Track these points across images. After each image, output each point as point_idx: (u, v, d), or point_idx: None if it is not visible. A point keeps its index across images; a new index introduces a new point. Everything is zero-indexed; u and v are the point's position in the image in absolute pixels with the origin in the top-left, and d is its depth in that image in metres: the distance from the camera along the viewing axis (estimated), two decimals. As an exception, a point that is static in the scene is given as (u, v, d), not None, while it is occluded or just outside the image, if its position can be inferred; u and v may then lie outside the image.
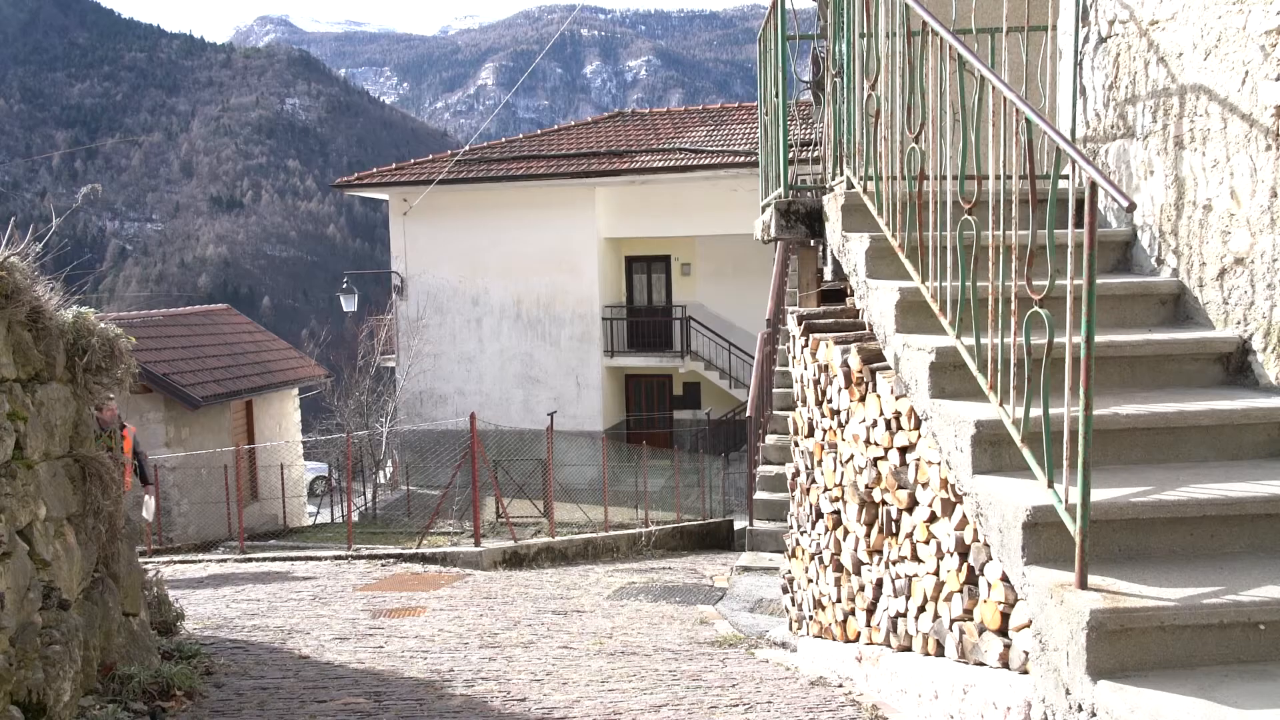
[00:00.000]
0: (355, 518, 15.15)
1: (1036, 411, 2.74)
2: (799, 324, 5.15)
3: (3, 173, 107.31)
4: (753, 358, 14.44)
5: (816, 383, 4.88)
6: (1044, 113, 4.16)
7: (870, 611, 4.24)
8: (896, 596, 3.88)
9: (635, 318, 23.73)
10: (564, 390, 22.48)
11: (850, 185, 4.42)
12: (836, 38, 4.60)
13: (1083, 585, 2.54)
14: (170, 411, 17.49)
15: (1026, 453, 2.82)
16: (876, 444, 3.99)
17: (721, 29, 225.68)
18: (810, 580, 5.23)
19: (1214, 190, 3.49)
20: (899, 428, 3.75)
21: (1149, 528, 2.80)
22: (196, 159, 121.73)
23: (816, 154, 5.59)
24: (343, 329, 27.35)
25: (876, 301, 3.88)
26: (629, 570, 9.95)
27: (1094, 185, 2.54)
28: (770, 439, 9.55)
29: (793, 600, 5.75)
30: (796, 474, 5.45)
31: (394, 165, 24.25)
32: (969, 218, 3.13)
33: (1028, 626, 2.80)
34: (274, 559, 10.30)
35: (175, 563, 10.05)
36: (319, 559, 9.85)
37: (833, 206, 4.56)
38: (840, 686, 4.31)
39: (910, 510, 3.71)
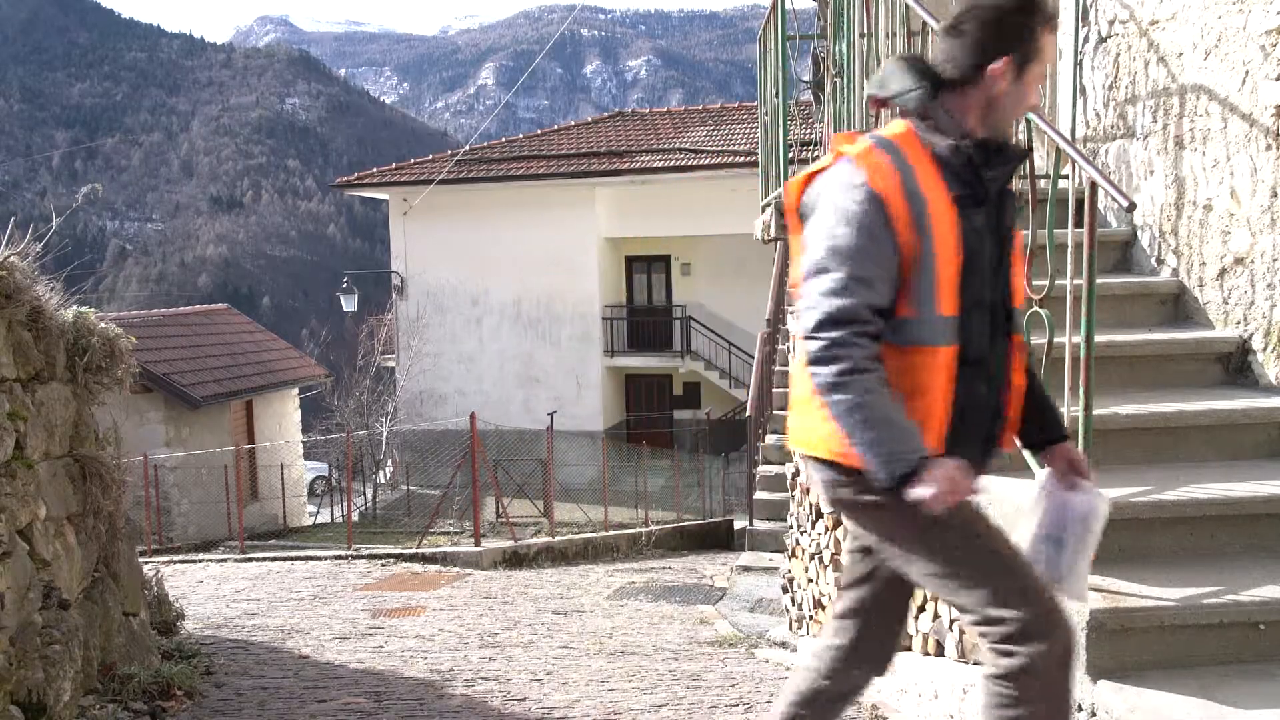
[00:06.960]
0: (355, 518, 15.14)
1: (1036, 411, 2.73)
2: (799, 324, 5.14)
3: (3, 173, 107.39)
4: (753, 358, 14.43)
5: (816, 383, 4.87)
6: (1044, 113, 4.16)
7: (870, 611, 4.23)
8: (896, 596, 3.87)
9: (635, 318, 23.71)
10: (564, 390, 22.47)
11: (850, 185, 4.41)
12: (836, 38, 4.60)
13: (1083, 585, 2.54)
14: (170, 411, 17.50)
15: (1027, 452, 2.82)
16: (876, 444, 3.98)
17: (721, 29, 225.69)
18: (810, 580, 5.23)
19: (1214, 190, 3.49)
20: (899, 427, 3.74)
21: (1149, 527, 2.80)
22: (196, 159, 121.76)
23: (816, 154, 5.59)
24: (343, 329, 27.36)
25: (876, 301, 3.87)
26: (629, 570, 9.94)
27: (1094, 185, 2.54)
28: (770, 439, 9.54)
29: (793, 600, 5.75)
30: (796, 473, 5.45)
31: (394, 165, 24.25)
32: (969, 218, 3.12)
33: (1028, 626, 2.80)
34: (274, 559, 10.30)
35: (175, 562, 10.04)
36: (319, 559, 9.85)
37: (833, 206, 4.55)
38: (840, 686, 4.30)
39: (910, 510, 3.71)
